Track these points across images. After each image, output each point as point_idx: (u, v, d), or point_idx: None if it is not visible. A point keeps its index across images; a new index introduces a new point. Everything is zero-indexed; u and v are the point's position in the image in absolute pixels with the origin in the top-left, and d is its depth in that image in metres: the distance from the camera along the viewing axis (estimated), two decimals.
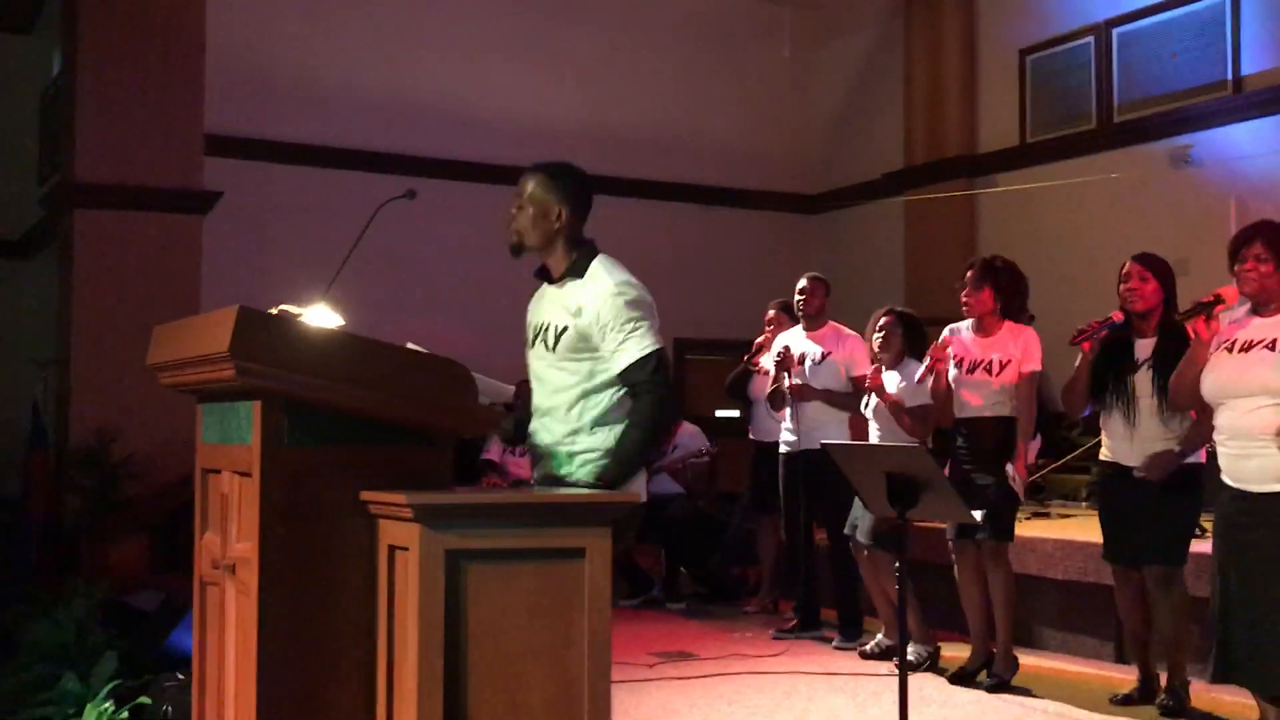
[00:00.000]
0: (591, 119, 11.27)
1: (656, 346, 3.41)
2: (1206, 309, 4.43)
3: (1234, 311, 4.45)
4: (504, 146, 10.57)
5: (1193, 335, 4.54)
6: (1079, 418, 5.46)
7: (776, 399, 6.78)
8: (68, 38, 9.51)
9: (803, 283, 6.83)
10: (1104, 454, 5.26)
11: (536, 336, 3.55)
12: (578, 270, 3.48)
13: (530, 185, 3.51)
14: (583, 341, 3.42)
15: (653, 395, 3.38)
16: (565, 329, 3.43)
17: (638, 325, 3.39)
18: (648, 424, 3.40)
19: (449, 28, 11.36)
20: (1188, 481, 5.00)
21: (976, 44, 11.56)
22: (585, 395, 3.44)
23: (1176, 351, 4.86)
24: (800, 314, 6.84)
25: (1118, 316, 5.08)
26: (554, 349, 3.45)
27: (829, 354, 6.64)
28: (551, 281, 3.55)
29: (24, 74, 11.17)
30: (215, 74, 9.38)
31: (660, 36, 12.35)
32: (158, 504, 8.38)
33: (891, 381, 5.98)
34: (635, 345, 3.38)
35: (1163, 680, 5.16)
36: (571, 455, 3.45)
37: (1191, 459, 4.98)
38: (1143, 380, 5.00)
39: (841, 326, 6.75)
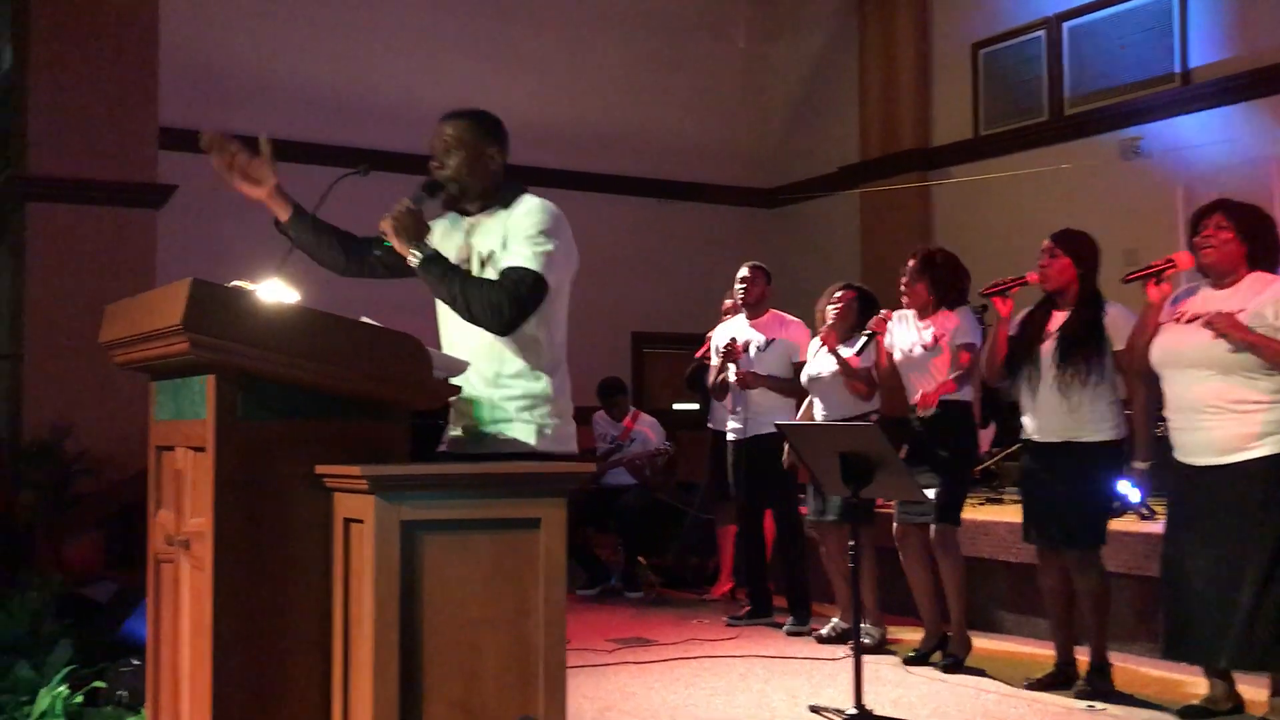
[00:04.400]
0: (546, 113, 11.26)
1: (545, 274, 3.17)
2: (1156, 273, 4.49)
3: (1203, 291, 4.48)
4: None
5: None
6: (997, 385, 5.46)
7: (719, 389, 6.87)
8: (18, 31, 9.41)
9: (744, 271, 6.86)
10: (1023, 433, 5.20)
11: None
12: (507, 200, 3.32)
13: (458, 129, 3.33)
14: None
15: (508, 300, 3.13)
16: (492, 253, 3.25)
17: (543, 245, 3.19)
18: (482, 302, 3.14)
19: (402, 22, 11.33)
20: (1102, 459, 4.94)
21: (930, 38, 11.65)
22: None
23: (1084, 325, 4.92)
24: (741, 302, 6.86)
25: (1032, 277, 5.11)
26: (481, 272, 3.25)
27: (772, 340, 6.70)
28: (471, 214, 3.38)
29: None
30: (169, 67, 9.32)
31: (615, 29, 12.36)
32: (112, 500, 8.31)
33: (844, 354, 6.01)
34: (532, 259, 3.17)
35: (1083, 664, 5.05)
36: (505, 400, 3.24)
37: (1112, 434, 4.93)
38: (1048, 351, 4.98)
39: (783, 314, 6.79)
